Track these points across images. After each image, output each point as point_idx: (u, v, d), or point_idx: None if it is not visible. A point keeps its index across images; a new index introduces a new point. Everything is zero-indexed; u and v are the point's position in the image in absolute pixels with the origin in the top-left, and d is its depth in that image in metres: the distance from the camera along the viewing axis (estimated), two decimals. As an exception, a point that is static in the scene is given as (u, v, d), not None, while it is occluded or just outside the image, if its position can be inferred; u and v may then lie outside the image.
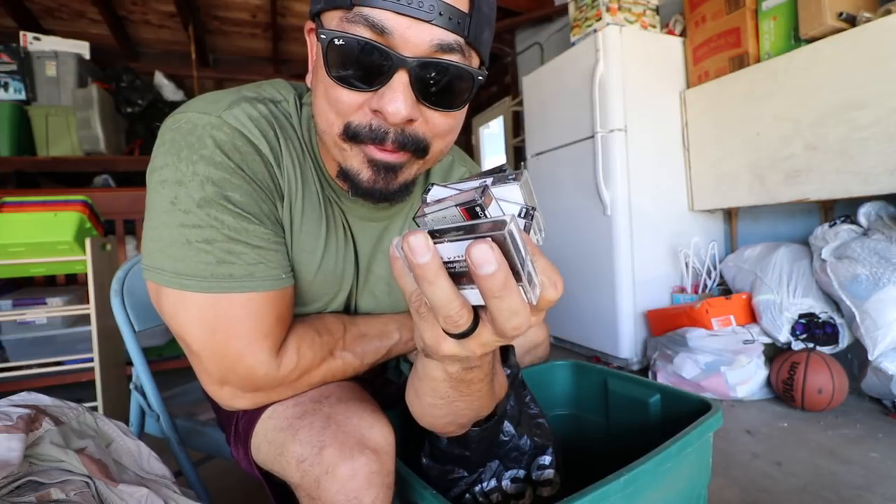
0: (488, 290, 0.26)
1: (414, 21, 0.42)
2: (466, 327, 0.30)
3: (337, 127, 0.48)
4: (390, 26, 0.42)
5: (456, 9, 0.43)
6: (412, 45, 0.42)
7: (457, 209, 0.29)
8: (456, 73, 0.45)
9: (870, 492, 1.07)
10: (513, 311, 0.27)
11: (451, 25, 0.43)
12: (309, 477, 0.46)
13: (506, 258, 0.25)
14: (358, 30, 0.42)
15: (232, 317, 0.49)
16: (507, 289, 0.26)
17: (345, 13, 0.43)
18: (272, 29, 3.59)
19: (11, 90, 2.69)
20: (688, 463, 0.57)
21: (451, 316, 0.29)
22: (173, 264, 0.48)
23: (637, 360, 2.05)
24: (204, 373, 0.52)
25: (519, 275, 0.26)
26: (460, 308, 0.28)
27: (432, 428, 0.51)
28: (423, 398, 0.45)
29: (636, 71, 2.05)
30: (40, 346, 1.93)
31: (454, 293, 0.28)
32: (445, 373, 0.39)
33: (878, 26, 1.44)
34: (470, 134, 4.70)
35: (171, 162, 0.49)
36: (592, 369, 0.82)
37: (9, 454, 0.46)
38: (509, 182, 0.30)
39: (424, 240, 0.26)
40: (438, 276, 0.27)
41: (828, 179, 1.60)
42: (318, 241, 0.58)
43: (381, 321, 0.64)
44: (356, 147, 0.48)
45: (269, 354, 0.51)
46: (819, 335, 1.58)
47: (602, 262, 2.10)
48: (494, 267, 0.25)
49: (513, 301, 0.27)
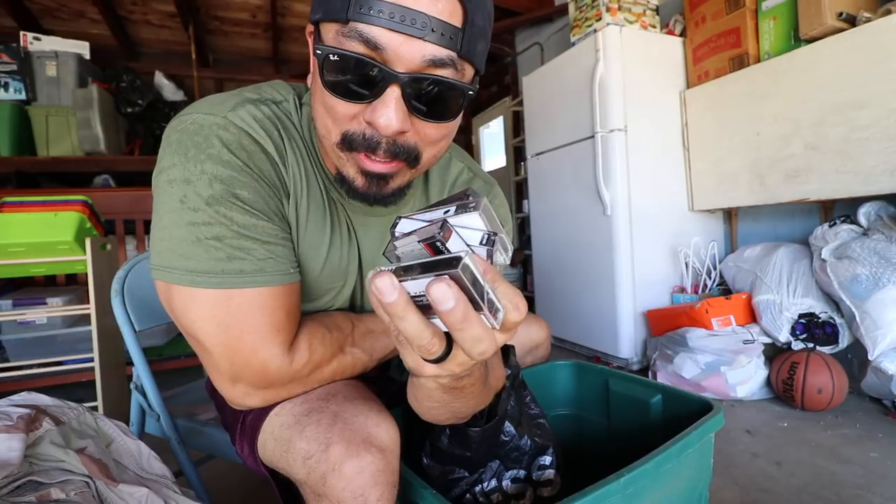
0: (450, 323, 0.28)
1: (407, 38, 0.43)
2: (440, 353, 0.33)
3: (335, 135, 0.50)
4: (383, 42, 0.43)
5: (448, 24, 0.44)
6: (405, 60, 0.44)
7: (419, 245, 0.31)
8: (446, 87, 0.47)
9: (870, 492, 1.07)
10: (476, 338, 0.30)
11: (443, 41, 0.44)
12: (315, 474, 0.47)
13: (464, 292, 0.28)
14: (352, 45, 0.43)
15: (245, 312, 0.50)
16: (468, 320, 0.28)
17: (341, 27, 0.44)
18: (272, 29, 3.59)
19: (11, 90, 2.69)
20: (689, 463, 0.57)
21: (424, 345, 0.31)
22: (183, 262, 0.48)
23: (637, 360, 2.05)
24: (216, 370, 0.52)
25: (479, 305, 0.28)
26: (431, 337, 0.31)
27: (434, 422, 0.53)
28: (421, 402, 0.47)
29: (636, 71, 2.05)
30: (40, 346, 1.93)
31: (423, 324, 0.30)
32: (437, 384, 0.41)
33: (877, 26, 1.45)
34: (470, 134, 4.70)
35: (178, 162, 0.49)
36: (593, 369, 0.82)
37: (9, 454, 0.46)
38: (469, 211, 0.32)
39: (390, 280, 0.28)
40: (407, 312, 0.29)
41: (828, 179, 1.60)
42: (323, 238, 0.59)
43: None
44: (350, 155, 0.50)
45: (281, 348, 0.52)
46: (819, 335, 1.58)
47: (602, 262, 2.10)
48: (452, 303, 0.27)
49: (474, 330, 0.29)
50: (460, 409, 0.47)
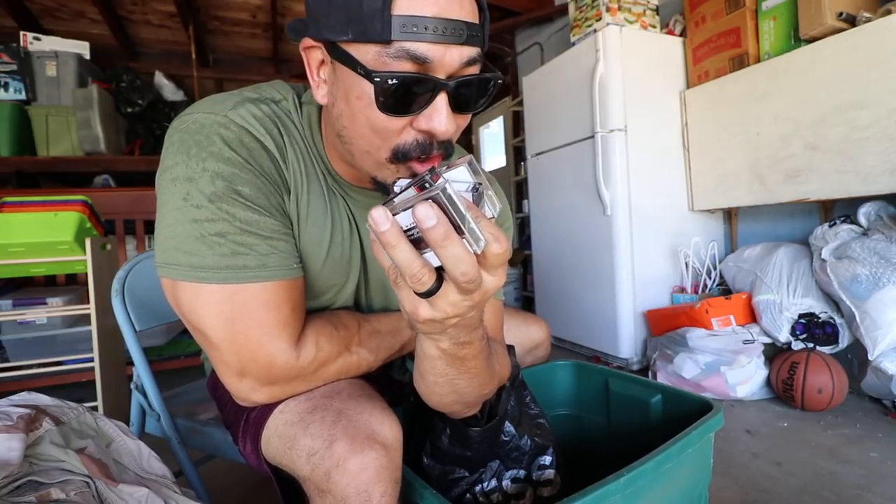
0: (433, 240, 0.31)
1: (448, 46, 0.44)
2: (430, 284, 0.35)
3: (384, 152, 0.50)
4: (430, 56, 0.44)
5: (474, 24, 0.46)
6: (447, 66, 0.45)
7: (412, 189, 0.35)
8: (485, 82, 0.49)
9: (870, 492, 1.07)
10: (458, 258, 0.32)
11: (473, 41, 0.46)
12: (319, 470, 0.47)
13: (445, 214, 0.31)
14: (402, 64, 0.44)
15: (250, 306, 0.50)
16: (449, 239, 0.31)
17: (383, 48, 0.43)
18: (272, 29, 3.59)
19: (11, 90, 2.69)
20: (689, 463, 0.57)
21: (415, 274, 0.34)
22: (188, 258, 0.49)
23: (637, 360, 2.05)
24: (223, 364, 0.53)
25: (460, 229, 0.31)
26: (422, 266, 0.34)
27: (440, 408, 0.54)
28: (426, 377, 0.49)
29: (636, 71, 2.05)
30: (40, 346, 1.93)
31: (415, 254, 0.33)
32: (439, 349, 0.43)
33: (877, 26, 1.45)
34: (470, 134, 4.70)
35: (181, 160, 0.50)
36: (593, 369, 0.82)
37: (9, 454, 0.46)
38: (457, 166, 0.36)
39: (384, 211, 0.31)
40: (399, 241, 0.32)
41: (828, 179, 1.60)
42: (324, 233, 0.59)
43: (393, 318, 0.66)
44: (403, 165, 0.51)
45: (288, 343, 0.52)
46: (819, 335, 1.58)
47: (602, 262, 2.10)
48: (434, 221, 0.30)
49: (455, 249, 0.32)
50: (465, 390, 0.49)
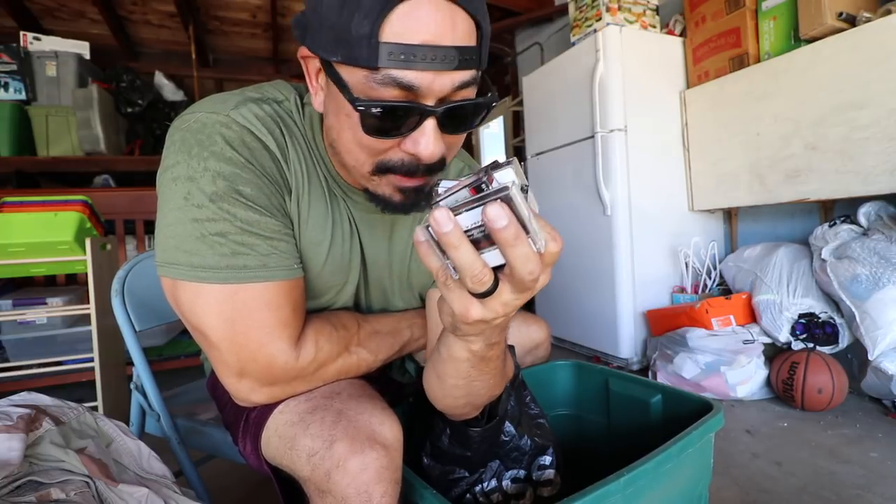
0: (504, 240, 0.30)
1: (438, 73, 0.43)
2: (490, 284, 0.34)
3: (368, 166, 0.50)
4: (418, 83, 0.43)
5: (468, 47, 0.44)
6: (437, 92, 0.44)
7: (466, 190, 0.35)
8: (475, 106, 0.48)
9: (870, 492, 1.07)
10: (527, 256, 0.32)
11: (466, 64, 0.44)
12: (319, 470, 0.47)
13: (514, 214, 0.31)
14: (389, 91, 0.43)
15: (250, 307, 0.50)
16: (519, 238, 0.31)
17: (371, 73, 0.43)
18: (272, 29, 3.59)
19: (11, 90, 2.69)
20: (689, 463, 0.57)
21: (476, 274, 0.33)
22: (188, 258, 0.49)
23: (637, 360, 2.05)
24: (223, 364, 0.53)
25: (526, 228, 0.32)
26: (483, 267, 0.33)
27: (448, 410, 0.54)
28: (445, 380, 0.48)
29: (636, 71, 2.05)
30: (40, 346, 1.93)
31: (476, 255, 0.33)
32: (469, 352, 0.43)
33: (877, 26, 1.44)
34: (470, 134, 4.71)
35: (182, 160, 0.50)
36: (593, 369, 0.82)
37: (9, 454, 0.46)
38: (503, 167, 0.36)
39: (447, 213, 0.31)
40: (462, 241, 0.32)
41: (828, 179, 1.60)
42: (324, 234, 0.59)
43: (393, 319, 0.66)
44: (385, 178, 0.50)
45: (288, 343, 0.52)
46: (819, 335, 1.58)
47: (602, 262, 2.10)
48: (506, 220, 0.30)
49: (525, 248, 0.32)
50: (478, 391, 0.49)
